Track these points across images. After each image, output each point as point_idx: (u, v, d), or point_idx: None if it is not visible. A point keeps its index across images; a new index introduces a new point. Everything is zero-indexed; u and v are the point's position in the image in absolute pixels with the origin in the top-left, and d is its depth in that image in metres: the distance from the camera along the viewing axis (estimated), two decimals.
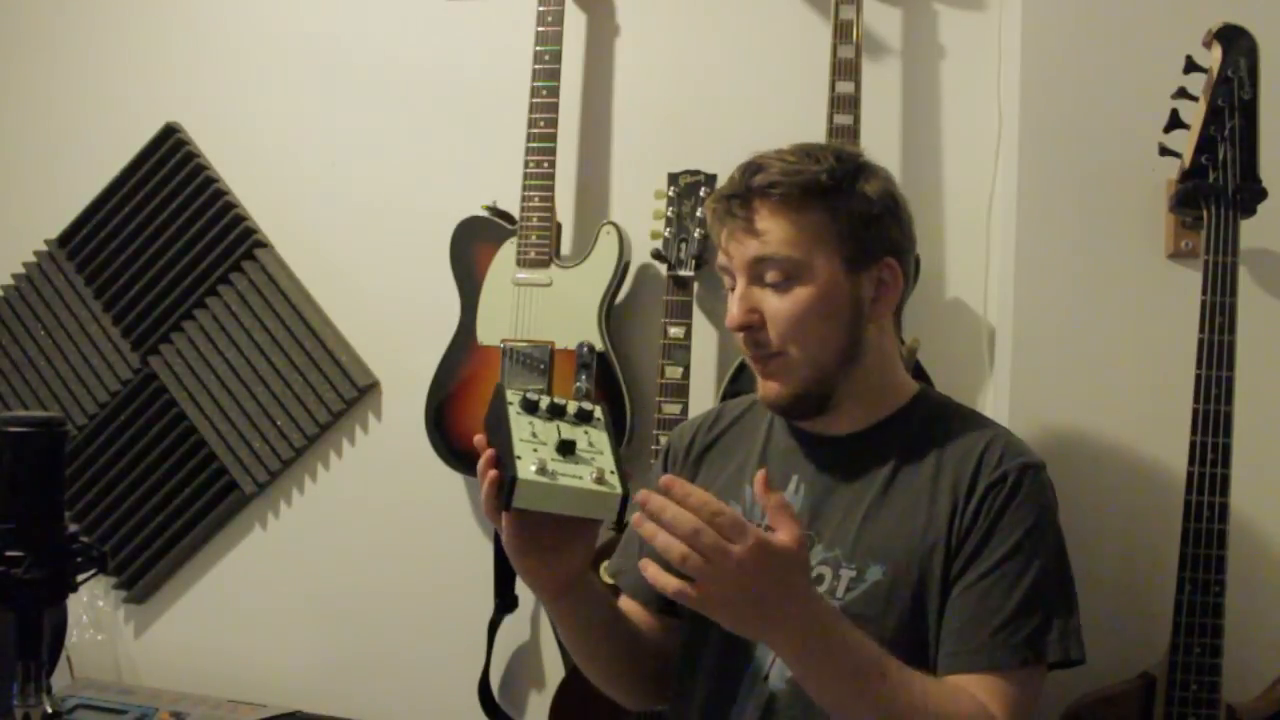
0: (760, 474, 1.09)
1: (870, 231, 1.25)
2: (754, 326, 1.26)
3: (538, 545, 1.19)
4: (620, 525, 1.19)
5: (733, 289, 1.28)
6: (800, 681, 1.14)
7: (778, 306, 1.24)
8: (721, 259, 1.29)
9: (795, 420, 1.34)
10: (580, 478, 1.12)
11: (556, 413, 1.20)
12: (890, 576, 1.22)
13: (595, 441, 1.19)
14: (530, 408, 1.20)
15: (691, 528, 1.02)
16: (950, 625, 1.21)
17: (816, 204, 1.23)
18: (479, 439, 1.18)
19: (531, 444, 1.14)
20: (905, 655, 1.18)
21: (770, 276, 1.24)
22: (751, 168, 1.25)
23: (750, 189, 1.24)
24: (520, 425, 1.17)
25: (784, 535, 1.05)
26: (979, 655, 1.18)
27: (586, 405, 1.22)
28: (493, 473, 1.14)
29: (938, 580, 1.22)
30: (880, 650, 1.13)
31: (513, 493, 1.10)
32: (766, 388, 1.29)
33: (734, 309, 1.26)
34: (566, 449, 1.15)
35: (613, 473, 1.14)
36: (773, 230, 1.23)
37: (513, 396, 1.21)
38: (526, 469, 1.11)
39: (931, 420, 1.30)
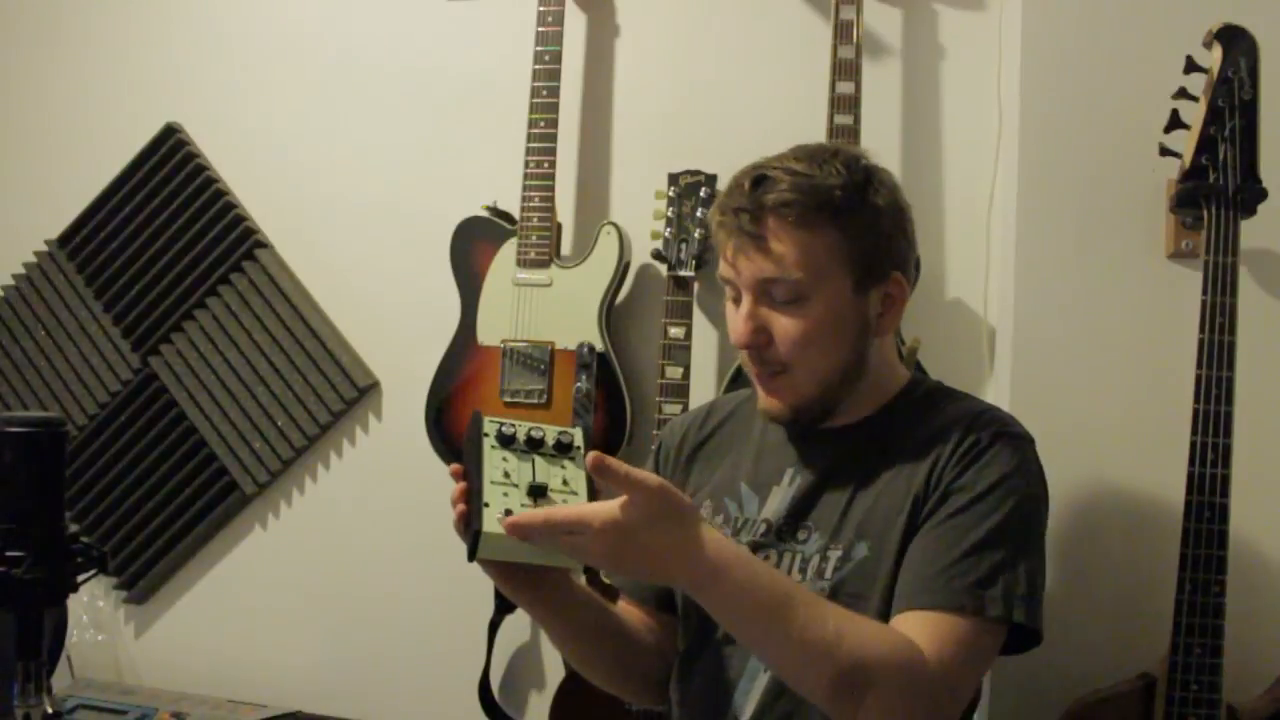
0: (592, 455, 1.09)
1: (879, 248, 1.24)
2: (760, 345, 1.25)
3: (516, 570, 1.19)
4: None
5: (735, 300, 1.26)
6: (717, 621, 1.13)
7: (787, 326, 1.23)
8: (727, 271, 1.26)
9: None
10: None
11: (534, 445, 1.17)
12: (875, 553, 1.22)
13: (570, 479, 1.15)
14: (506, 441, 1.16)
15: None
16: (903, 569, 1.20)
17: (829, 223, 1.21)
18: (454, 468, 1.18)
19: (502, 487, 1.12)
20: None
21: (779, 295, 1.23)
22: (760, 180, 1.22)
23: (762, 206, 1.21)
24: (493, 463, 1.14)
25: (618, 502, 1.05)
26: (918, 595, 1.17)
27: (565, 435, 1.18)
28: (460, 507, 1.14)
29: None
30: (792, 585, 1.13)
31: (476, 545, 1.10)
32: (768, 402, 1.29)
33: (740, 326, 1.24)
34: (538, 493, 1.12)
35: None
36: (786, 253, 1.20)
37: (489, 427, 1.17)
38: (491, 520, 1.09)
39: (923, 406, 1.30)
